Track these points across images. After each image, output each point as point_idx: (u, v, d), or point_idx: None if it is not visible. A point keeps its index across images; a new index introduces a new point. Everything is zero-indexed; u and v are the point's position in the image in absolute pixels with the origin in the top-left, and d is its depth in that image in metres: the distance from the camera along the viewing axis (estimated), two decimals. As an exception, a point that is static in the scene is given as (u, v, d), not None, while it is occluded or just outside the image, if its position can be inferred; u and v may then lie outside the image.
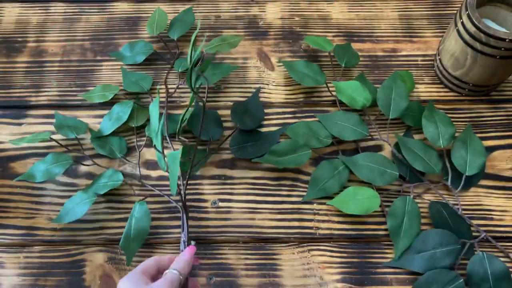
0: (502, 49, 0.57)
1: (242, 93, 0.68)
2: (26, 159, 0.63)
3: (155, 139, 0.54)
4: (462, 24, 0.59)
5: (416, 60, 0.71)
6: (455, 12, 0.63)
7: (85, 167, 0.62)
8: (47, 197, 0.60)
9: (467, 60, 0.61)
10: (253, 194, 0.61)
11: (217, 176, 0.62)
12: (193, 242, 0.56)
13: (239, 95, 0.68)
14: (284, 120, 0.66)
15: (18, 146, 0.64)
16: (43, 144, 0.64)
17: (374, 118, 0.65)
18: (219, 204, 0.60)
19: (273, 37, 0.73)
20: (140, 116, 0.64)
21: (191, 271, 0.55)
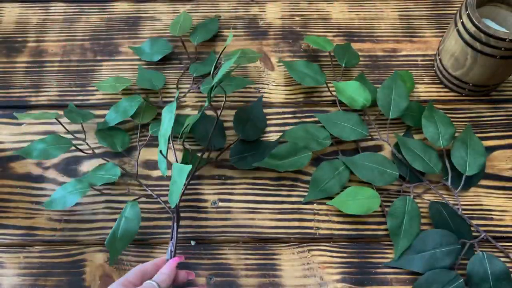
0: (502, 49, 0.57)
1: (242, 93, 0.68)
2: (26, 159, 0.63)
3: (163, 144, 0.53)
4: (462, 24, 0.59)
5: (416, 60, 0.71)
6: (455, 12, 0.63)
7: (85, 168, 0.62)
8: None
9: (467, 60, 0.61)
10: (253, 194, 0.61)
11: (217, 176, 0.62)
12: (193, 242, 0.57)
13: (239, 95, 0.68)
14: (284, 120, 0.66)
15: (18, 146, 0.64)
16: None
17: (374, 118, 0.65)
18: (219, 204, 0.60)
19: (273, 37, 0.73)
20: (146, 114, 0.64)
21: (190, 268, 0.56)
